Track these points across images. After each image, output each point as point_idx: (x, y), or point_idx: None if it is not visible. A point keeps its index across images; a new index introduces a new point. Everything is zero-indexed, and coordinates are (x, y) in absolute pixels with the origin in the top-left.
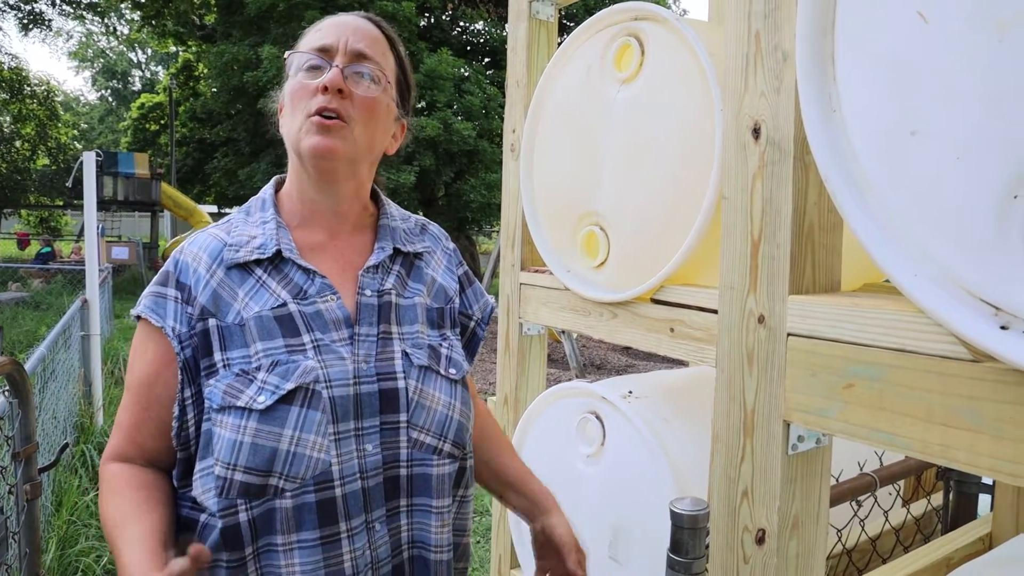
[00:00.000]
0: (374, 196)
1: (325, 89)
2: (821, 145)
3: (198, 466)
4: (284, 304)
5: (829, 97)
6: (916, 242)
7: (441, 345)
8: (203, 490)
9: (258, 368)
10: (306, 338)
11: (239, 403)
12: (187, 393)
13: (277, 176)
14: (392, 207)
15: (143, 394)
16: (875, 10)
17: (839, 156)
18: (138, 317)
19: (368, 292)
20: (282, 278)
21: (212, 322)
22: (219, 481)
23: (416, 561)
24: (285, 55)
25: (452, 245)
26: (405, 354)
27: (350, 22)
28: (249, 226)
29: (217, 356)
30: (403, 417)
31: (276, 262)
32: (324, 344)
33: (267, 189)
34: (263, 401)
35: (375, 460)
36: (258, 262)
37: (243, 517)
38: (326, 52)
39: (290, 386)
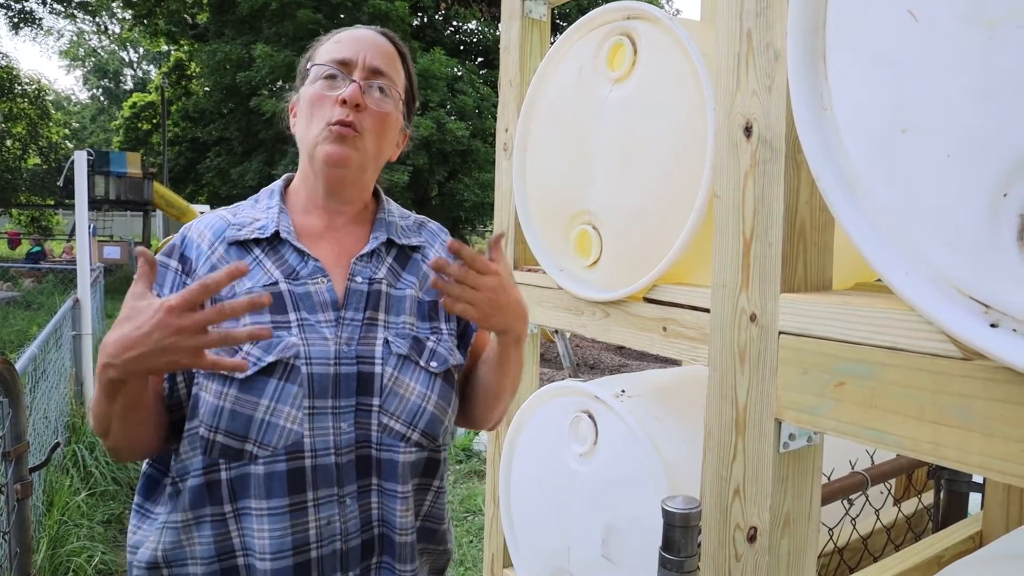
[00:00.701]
0: (375, 194)
1: (344, 102)
2: (812, 143)
3: (187, 425)
4: (275, 283)
5: (820, 96)
6: (907, 240)
7: (428, 338)
8: (191, 447)
9: None
10: (292, 316)
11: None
12: None
13: (288, 174)
14: (392, 205)
15: None
16: (866, 8)
17: (830, 154)
18: None
19: (359, 279)
20: (277, 258)
21: None
22: (203, 441)
23: (384, 539)
24: (308, 66)
25: (450, 239)
26: (387, 342)
27: (368, 37)
28: (255, 211)
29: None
30: (376, 401)
31: (274, 243)
32: (309, 324)
33: (278, 182)
34: (244, 371)
35: (349, 438)
36: (257, 241)
37: (223, 475)
38: (345, 65)
39: (271, 359)
